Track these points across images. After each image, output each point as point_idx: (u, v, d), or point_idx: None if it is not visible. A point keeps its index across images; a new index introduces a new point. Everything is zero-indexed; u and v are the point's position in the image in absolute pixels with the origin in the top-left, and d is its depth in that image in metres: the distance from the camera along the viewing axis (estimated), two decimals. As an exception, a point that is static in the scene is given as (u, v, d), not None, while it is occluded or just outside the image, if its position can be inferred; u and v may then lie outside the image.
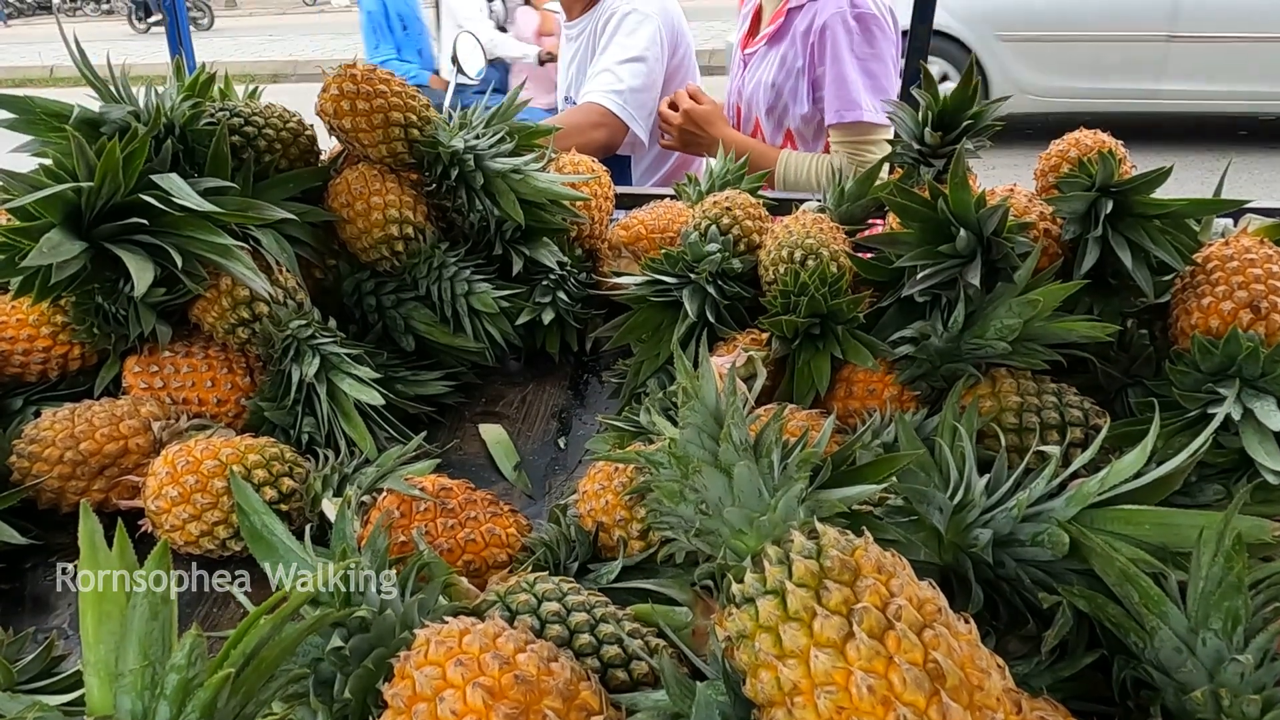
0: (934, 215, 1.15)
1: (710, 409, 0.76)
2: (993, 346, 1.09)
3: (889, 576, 0.63)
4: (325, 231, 1.46)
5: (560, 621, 0.80)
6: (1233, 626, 0.69)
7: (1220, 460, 1.02)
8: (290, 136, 1.44)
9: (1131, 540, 0.78)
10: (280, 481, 1.10)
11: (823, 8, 2.08)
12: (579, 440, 1.36)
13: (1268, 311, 1.07)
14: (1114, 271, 1.19)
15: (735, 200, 1.43)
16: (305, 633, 0.61)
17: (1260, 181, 6.15)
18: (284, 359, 1.27)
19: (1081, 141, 1.33)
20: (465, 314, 1.43)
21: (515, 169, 1.45)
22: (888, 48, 2.06)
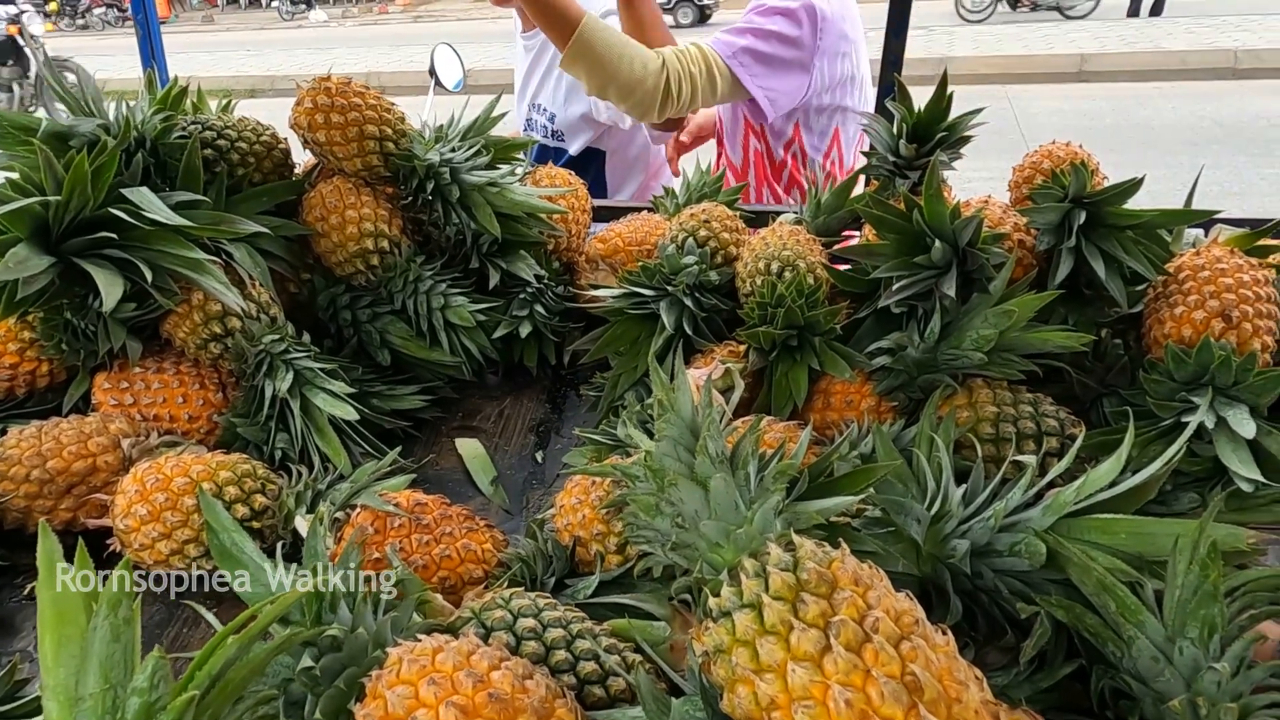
0: (909, 227, 1.15)
1: (686, 421, 0.75)
2: (969, 357, 1.09)
3: (866, 589, 0.62)
4: (300, 245, 1.45)
5: (536, 638, 0.79)
6: (1209, 635, 0.69)
7: (1195, 469, 1.03)
8: (264, 150, 1.43)
9: (1108, 549, 0.78)
10: (252, 498, 1.09)
11: None
12: (557, 454, 1.35)
13: (1239, 320, 1.08)
14: (1088, 282, 1.19)
15: (712, 213, 1.43)
16: (273, 653, 0.60)
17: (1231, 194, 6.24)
18: (257, 374, 1.26)
19: (1054, 153, 1.34)
20: (441, 328, 1.42)
21: (491, 182, 1.45)
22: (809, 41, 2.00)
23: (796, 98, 2.06)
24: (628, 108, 1.90)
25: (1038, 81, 10.18)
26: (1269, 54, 9.88)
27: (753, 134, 2.24)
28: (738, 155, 2.32)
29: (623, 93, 1.86)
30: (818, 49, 2.01)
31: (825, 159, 2.25)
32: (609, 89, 1.86)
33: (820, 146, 2.22)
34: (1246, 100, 8.74)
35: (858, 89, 2.20)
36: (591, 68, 1.83)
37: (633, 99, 1.87)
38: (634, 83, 1.85)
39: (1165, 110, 8.64)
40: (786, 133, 2.19)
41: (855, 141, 2.28)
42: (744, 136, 2.27)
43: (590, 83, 1.86)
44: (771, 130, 2.20)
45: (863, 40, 2.20)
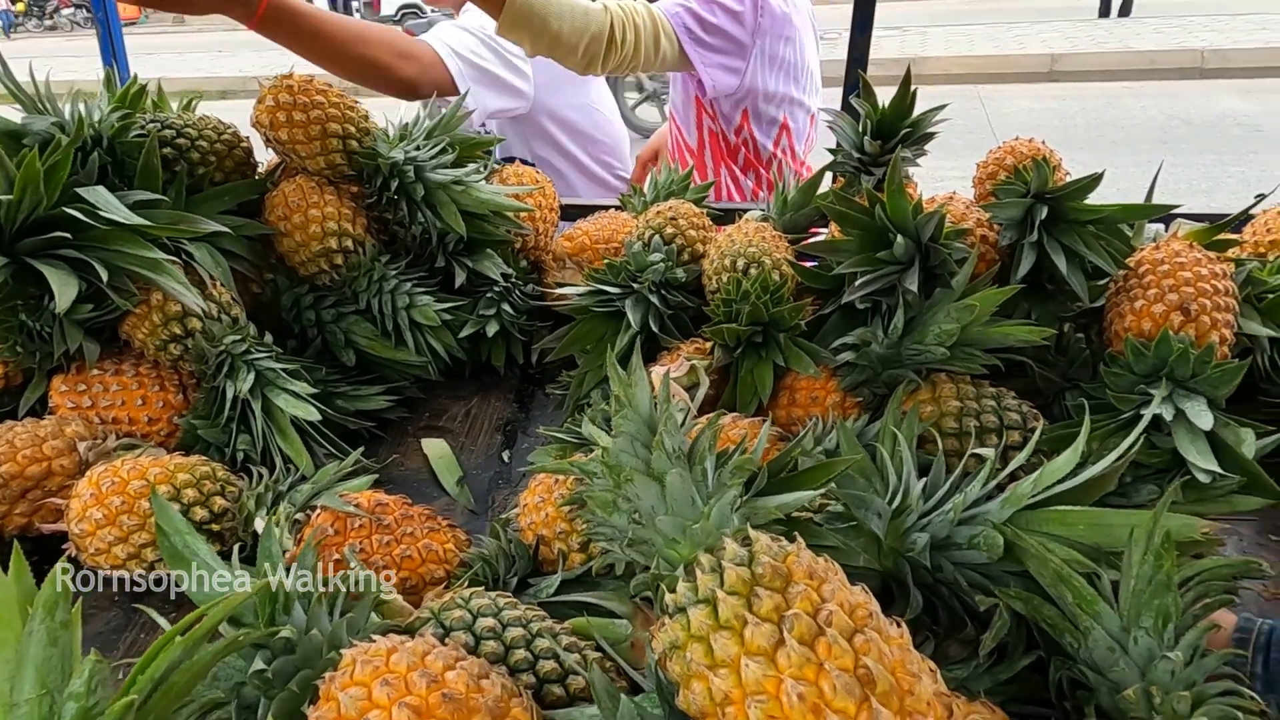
0: (872, 223, 1.15)
1: (643, 417, 0.75)
2: (932, 352, 1.10)
3: (821, 582, 0.62)
4: (262, 245, 1.43)
5: (495, 637, 0.79)
6: (1163, 624, 0.70)
7: (1154, 461, 1.03)
8: (225, 148, 1.41)
9: (1066, 541, 0.78)
10: (212, 501, 1.07)
11: None
12: (524, 454, 1.34)
13: (1198, 314, 1.08)
14: (1050, 276, 1.20)
15: (679, 210, 1.43)
16: (219, 655, 0.59)
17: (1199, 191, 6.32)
18: (218, 375, 1.24)
19: (1017, 149, 1.35)
20: (407, 327, 1.40)
21: (457, 180, 1.43)
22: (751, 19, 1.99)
23: (736, 75, 2.05)
24: (574, 61, 1.83)
25: (1010, 81, 10.26)
26: (1235, 54, 10.02)
27: (705, 114, 2.23)
28: (693, 136, 2.30)
29: (569, 46, 1.80)
30: (759, 28, 2.01)
31: (775, 147, 2.25)
32: (556, 46, 1.79)
33: (770, 134, 2.22)
34: (1213, 99, 8.85)
35: (806, 79, 2.20)
36: (533, 26, 1.76)
37: (579, 51, 1.81)
38: (578, 32, 1.78)
39: (1135, 109, 8.74)
40: (735, 119, 2.18)
41: (806, 133, 2.29)
42: (697, 116, 2.26)
43: (534, 43, 1.79)
44: (721, 114, 2.19)
45: (811, 34, 2.21)
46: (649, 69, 1.97)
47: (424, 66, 1.87)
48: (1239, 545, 1.09)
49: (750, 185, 2.28)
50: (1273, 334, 1.18)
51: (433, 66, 1.90)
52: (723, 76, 2.03)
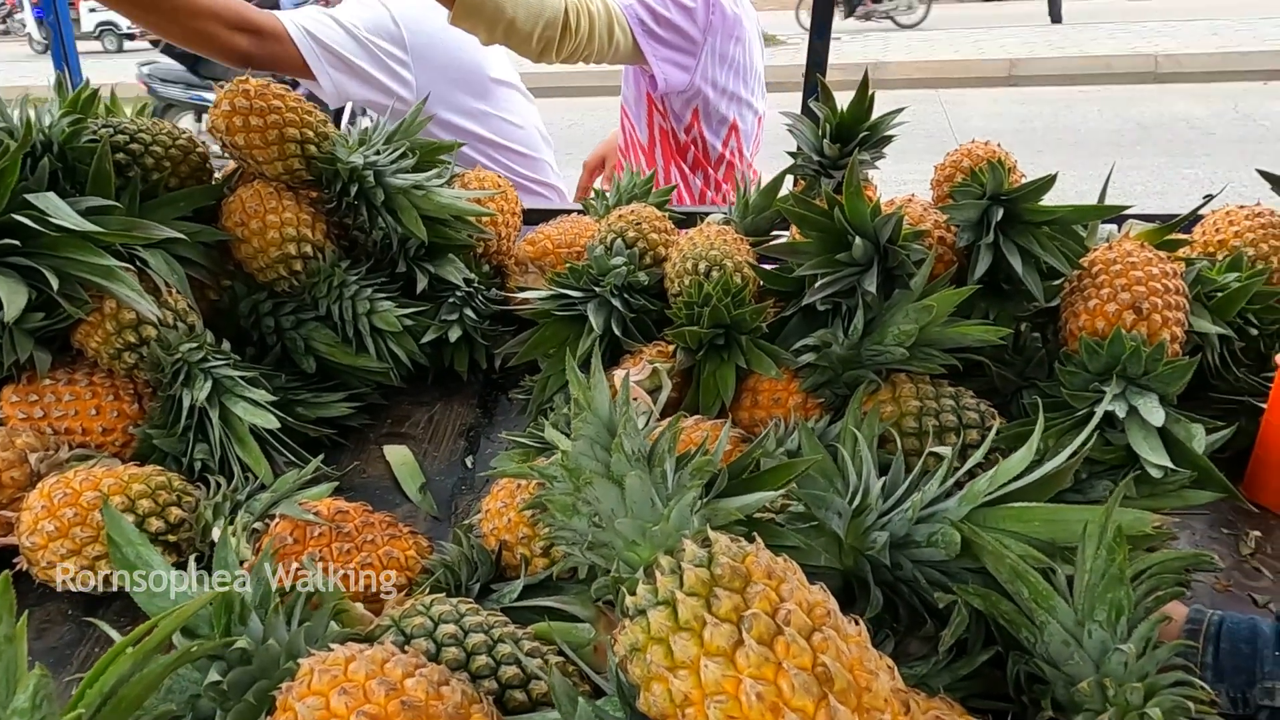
0: (831, 225, 1.16)
1: (603, 420, 0.74)
2: (891, 352, 1.11)
3: (779, 581, 0.62)
4: (220, 252, 1.41)
5: (457, 644, 0.78)
6: (1117, 617, 0.71)
7: (1109, 457, 1.05)
8: (180, 154, 1.39)
9: (1022, 537, 0.79)
10: (168, 511, 1.05)
11: None
12: (487, 459, 1.33)
13: (1149, 312, 1.11)
14: (1006, 277, 1.22)
15: (641, 214, 1.43)
16: (170, 667, 0.58)
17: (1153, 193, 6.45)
18: (174, 384, 1.22)
19: (974, 152, 1.36)
20: (368, 333, 1.39)
21: (417, 185, 1.43)
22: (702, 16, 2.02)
23: (687, 72, 2.07)
24: (529, 49, 1.83)
25: (969, 85, 10.41)
26: (1188, 59, 10.25)
27: (656, 111, 2.24)
28: (644, 132, 2.31)
29: (523, 34, 1.79)
30: (710, 25, 2.03)
31: (724, 147, 2.27)
32: (511, 34, 1.78)
33: (719, 134, 2.24)
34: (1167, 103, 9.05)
35: (755, 81, 2.23)
36: (486, 14, 1.75)
37: (533, 38, 1.80)
38: (533, 18, 1.77)
39: (1091, 113, 8.90)
40: (685, 118, 2.20)
41: (754, 134, 2.32)
42: (649, 113, 2.27)
43: (489, 31, 1.78)
44: (673, 111, 2.20)
45: (758, 39, 2.24)
46: (602, 59, 1.98)
47: (263, 40, 1.85)
48: (1192, 539, 1.11)
49: (699, 185, 2.30)
50: (1222, 331, 1.21)
51: (277, 41, 1.88)
52: (674, 72, 2.05)
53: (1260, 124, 8.09)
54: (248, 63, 1.83)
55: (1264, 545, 1.10)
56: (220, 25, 1.76)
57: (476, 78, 2.22)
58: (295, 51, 1.90)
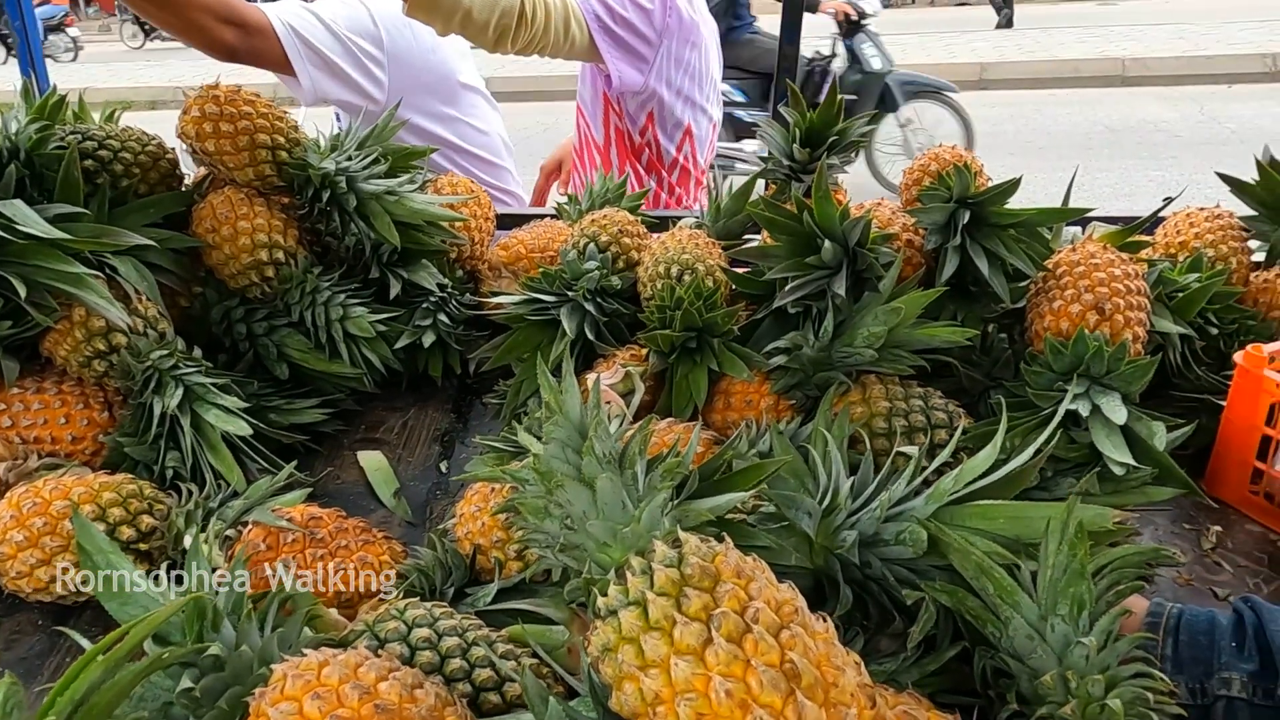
0: (801, 228, 1.18)
1: (574, 423, 0.75)
2: (861, 354, 1.12)
3: (748, 580, 0.63)
4: (190, 258, 1.41)
5: (431, 647, 0.78)
6: (1078, 611, 0.73)
7: (1074, 455, 1.07)
8: (150, 160, 1.39)
9: (987, 534, 0.81)
10: (139, 519, 1.05)
11: None
12: (462, 464, 1.33)
13: (1112, 313, 1.13)
14: (973, 279, 1.23)
15: (614, 218, 1.44)
16: (141, 674, 0.58)
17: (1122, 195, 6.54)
18: (145, 391, 1.22)
19: (941, 156, 1.38)
20: (341, 339, 1.39)
21: (390, 190, 1.43)
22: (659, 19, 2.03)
23: (641, 73, 2.08)
24: (485, 38, 1.83)
25: (942, 89, 10.50)
26: (1154, 62, 10.40)
27: (612, 111, 2.26)
28: (600, 132, 2.32)
29: (479, 24, 1.78)
30: (667, 28, 2.05)
31: (678, 152, 2.29)
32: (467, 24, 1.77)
33: (674, 139, 2.25)
34: (1134, 106, 9.17)
35: (710, 88, 2.26)
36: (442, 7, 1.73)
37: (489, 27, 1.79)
38: (488, 8, 1.77)
39: (1060, 116, 9.01)
40: (640, 120, 2.21)
41: (708, 140, 2.34)
42: (604, 113, 2.28)
43: (445, 23, 1.77)
44: (628, 113, 2.21)
45: (715, 47, 2.27)
46: (558, 54, 1.97)
47: (249, 34, 1.83)
48: (1155, 534, 1.14)
49: (653, 187, 2.31)
50: (1183, 331, 1.23)
51: (261, 36, 1.86)
52: (629, 71, 2.06)
53: (1225, 126, 8.22)
54: (232, 57, 1.82)
55: (1224, 540, 1.13)
56: (211, 17, 1.75)
57: (447, 83, 2.22)
58: (279, 47, 1.89)
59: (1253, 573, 1.08)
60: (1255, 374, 1.12)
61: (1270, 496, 1.16)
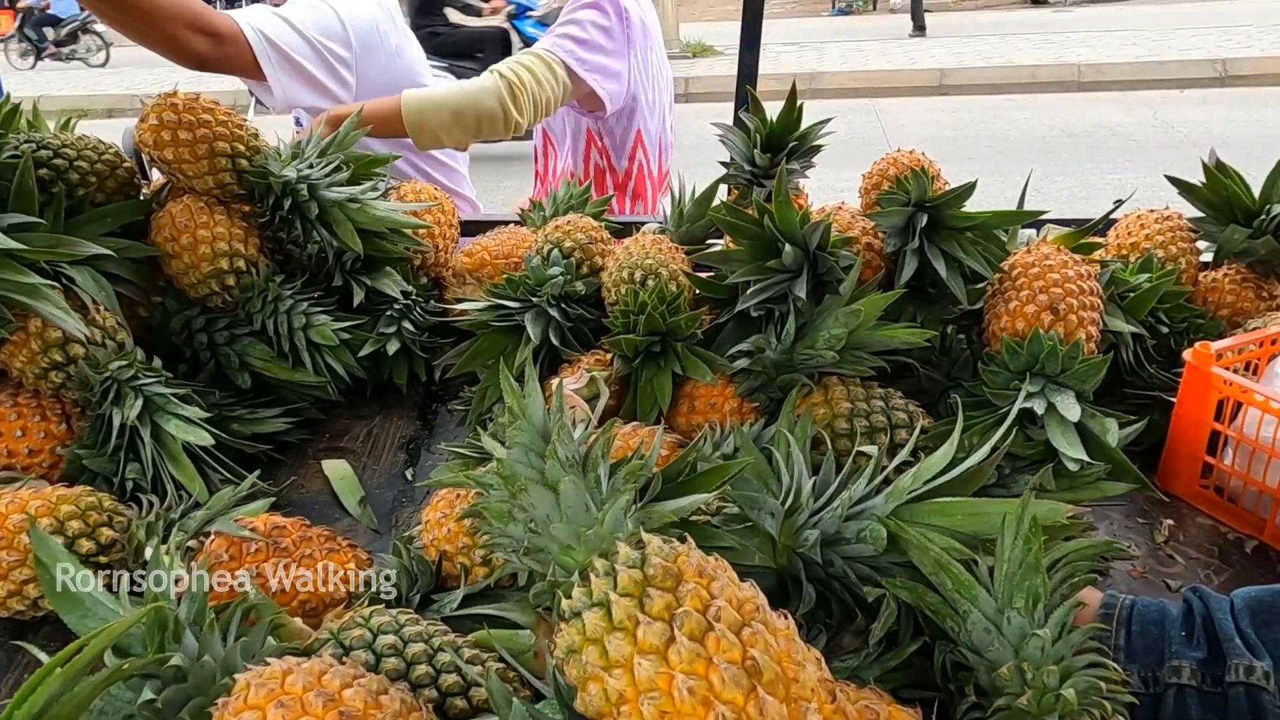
0: (761, 233, 1.19)
1: (537, 427, 0.76)
2: (823, 356, 1.14)
3: (710, 579, 0.64)
4: (149, 268, 1.39)
5: (396, 654, 0.78)
6: (1034, 604, 0.74)
7: (1030, 452, 1.09)
8: (106, 169, 1.37)
9: (946, 531, 0.82)
10: (98, 532, 1.03)
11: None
12: (428, 471, 1.33)
13: (1066, 313, 1.15)
14: (932, 281, 1.26)
15: (578, 224, 1.45)
16: (101, 686, 0.57)
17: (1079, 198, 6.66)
18: (103, 403, 1.20)
19: (899, 160, 1.41)
20: (304, 348, 1.38)
21: (352, 198, 1.42)
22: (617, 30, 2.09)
23: (624, 86, 2.14)
24: (499, 135, 1.96)
25: (902, 95, 10.63)
26: (1109, 68, 10.60)
27: (595, 147, 2.30)
28: (579, 167, 2.36)
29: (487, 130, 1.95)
30: (628, 40, 2.10)
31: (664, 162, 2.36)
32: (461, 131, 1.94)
33: (655, 149, 2.31)
34: (1090, 110, 9.34)
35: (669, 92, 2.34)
36: (442, 133, 1.91)
37: (496, 128, 1.94)
38: (484, 115, 1.92)
39: (1019, 121, 9.15)
40: (627, 145, 2.26)
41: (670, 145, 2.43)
42: (585, 149, 2.32)
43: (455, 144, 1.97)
44: (612, 139, 2.25)
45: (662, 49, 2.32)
46: (557, 104, 2.05)
47: (220, 42, 1.84)
48: (1110, 528, 1.16)
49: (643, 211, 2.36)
50: (1135, 330, 1.26)
51: (232, 44, 1.86)
52: (615, 88, 2.10)
53: (1178, 130, 8.40)
54: (202, 66, 1.82)
55: (1177, 533, 1.16)
56: (183, 27, 1.75)
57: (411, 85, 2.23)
58: (250, 55, 1.89)
59: (1204, 564, 1.11)
60: (1204, 371, 1.15)
61: (1220, 490, 1.19)
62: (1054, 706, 0.69)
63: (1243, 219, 1.42)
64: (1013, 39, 12.69)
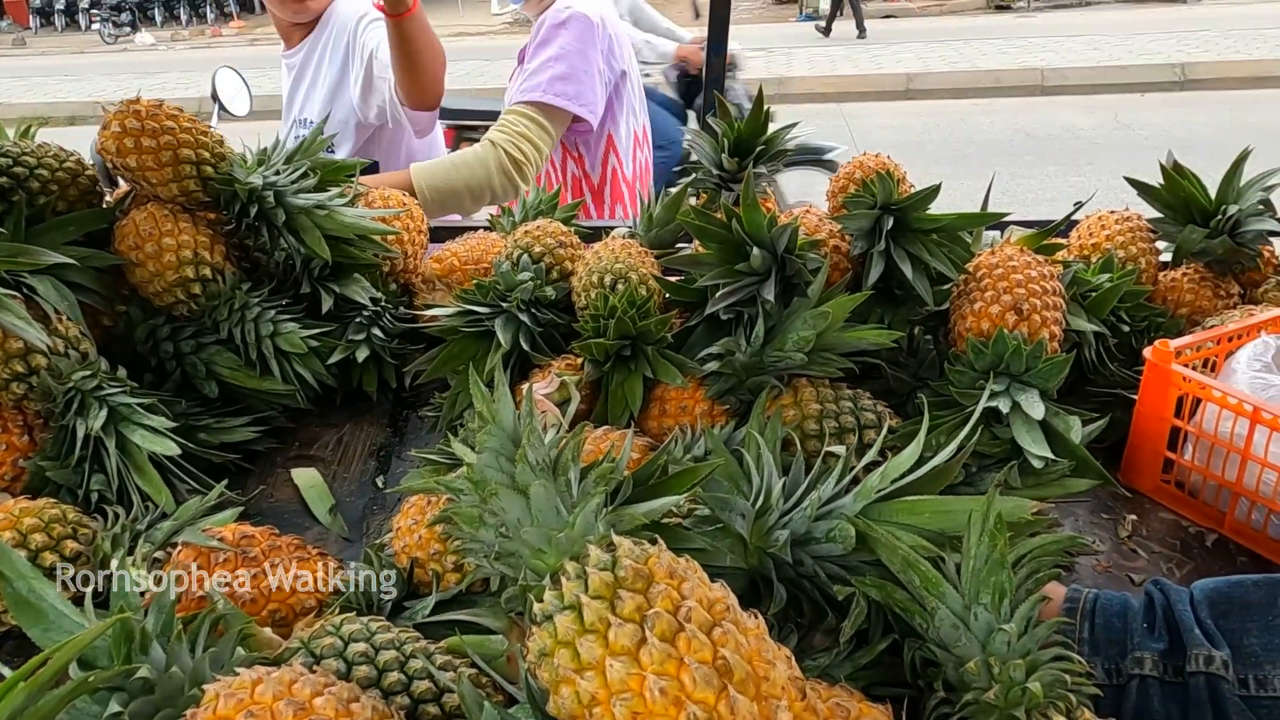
0: (730, 236, 1.20)
1: (507, 432, 0.76)
2: (792, 358, 1.15)
3: (681, 580, 0.64)
4: (113, 276, 1.37)
5: (368, 662, 0.78)
6: (1000, 599, 0.75)
7: (996, 450, 1.11)
8: (68, 177, 1.35)
9: (913, 529, 0.83)
10: (63, 544, 1.02)
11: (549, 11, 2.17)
12: (398, 478, 1.32)
13: (1029, 313, 1.17)
14: (898, 283, 1.27)
15: (547, 229, 1.45)
16: (66, 699, 0.57)
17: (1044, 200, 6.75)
18: (67, 413, 1.19)
19: (865, 164, 1.42)
20: (272, 355, 1.37)
21: (319, 204, 1.41)
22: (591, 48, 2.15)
23: (603, 96, 2.20)
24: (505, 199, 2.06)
25: (870, 99, 10.75)
26: (1071, 72, 10.79)
27: (571, 159, 2.35)
28: (557, 178, 2.42)
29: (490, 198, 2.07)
30: (598, 50, 2.16)
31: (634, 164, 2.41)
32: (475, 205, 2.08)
33: (628, 149, 2.34)
34: (1054, 114, 9.49)
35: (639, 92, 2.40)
36: (445, 205, 2.03)
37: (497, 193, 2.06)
38: (483, 185, 2.04)
39: (984, 125, 9.28)
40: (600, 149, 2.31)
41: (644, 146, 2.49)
42: (563, 161, 2.37)
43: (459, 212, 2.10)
44: (587, 149, 2.28)
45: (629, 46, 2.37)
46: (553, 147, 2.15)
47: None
48: (1075, 524, 1.18)
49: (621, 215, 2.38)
50: (1097, 329, 1.29)
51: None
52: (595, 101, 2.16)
53: (1139, 133, 8.55)
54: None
55: (1139, 528, 1.18)
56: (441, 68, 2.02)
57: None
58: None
59: (1166, 558, 1.13)
60: (1164, 368, 1.17)
61: (1181, 484, 1.21)
62: (1020, 700, 0.70)
63: (1200, 219, 1.45)
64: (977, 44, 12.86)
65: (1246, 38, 11.82)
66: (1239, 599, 0.84)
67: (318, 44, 2.36)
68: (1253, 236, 1.42)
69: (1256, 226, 1.41)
